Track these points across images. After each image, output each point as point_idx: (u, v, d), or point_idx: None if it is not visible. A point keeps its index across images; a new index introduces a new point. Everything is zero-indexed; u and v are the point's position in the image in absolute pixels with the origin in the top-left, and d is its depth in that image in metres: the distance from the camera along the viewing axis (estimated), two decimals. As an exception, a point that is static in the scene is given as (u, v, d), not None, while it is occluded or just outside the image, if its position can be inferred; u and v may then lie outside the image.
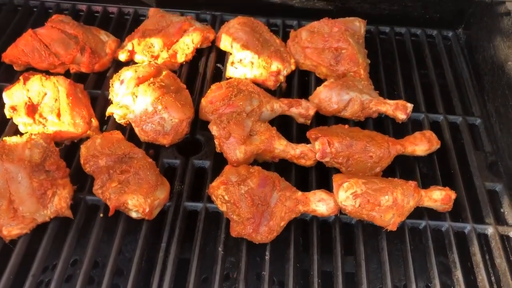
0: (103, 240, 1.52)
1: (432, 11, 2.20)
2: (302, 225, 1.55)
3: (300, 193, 1.50)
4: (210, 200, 1.55)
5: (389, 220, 1.45)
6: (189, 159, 1.67)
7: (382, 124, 1.82)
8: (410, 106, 1.77)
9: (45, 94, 1.70)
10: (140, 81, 1.71)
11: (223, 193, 1.47)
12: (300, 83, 1.96)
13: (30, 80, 1.72)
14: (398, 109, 1.76)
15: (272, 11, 2.23)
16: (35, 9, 2.19)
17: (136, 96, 1.67)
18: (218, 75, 1.97)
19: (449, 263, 1.49)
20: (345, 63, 1.89)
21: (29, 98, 1.69)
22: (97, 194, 1.51)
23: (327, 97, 1.77)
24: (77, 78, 1.88)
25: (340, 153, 1.58)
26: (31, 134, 1.57)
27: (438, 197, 1.51)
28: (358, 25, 2.01)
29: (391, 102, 1.78)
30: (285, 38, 2.10)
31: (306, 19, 2.19)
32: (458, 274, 1.44)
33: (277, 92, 1.91)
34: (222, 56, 2.04)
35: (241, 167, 1.54)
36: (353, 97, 1.75)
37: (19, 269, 1.40)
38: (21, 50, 1.85)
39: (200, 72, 1.96)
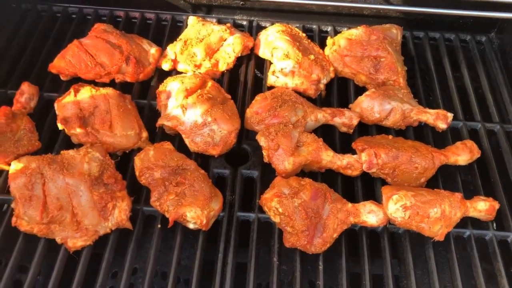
0: (159, 249, 1.59)
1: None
2: (350, 232, 1.61)
3: (350, 204, 1.56)
4: (261, 210, 1.61)
5: (437, 231, 1.51)
6: (238, 169, 1.72)
7: (422, 132, 1.87)
8: (450, 115, 1.81)
9: (96, 106, 1.74)
10: (188, 93, 1.75)
11: (276, 205, 1.52)
12: (339, 90, 2.00)
13: (81, 92, 1.77)
14: (439, 119, 1.81)
15: (307, 16, 2.27)
16: (74, 16, 2.23)
17: (186, 109, 1.72)
18: (259, 83, 2.01)
19: (494, 271, 1.56)
20: (385, 72, 1.93)
21: (81, 110, 1.73)
22: (155, 206, 1.57)
23: (369, 106, 1.81)
24: (122, 87, 1.93)
25: (386, 164, 1.63)
26: (87, 147, 1.63)
27: (482, 208, 1.57)
28: (395, 32, 2.05)
29: (432, 111, 1.82)
30: (320, 43, 2.14)
31: (341, 24, 2.23)
32: (504, 282, 1.51)
33: (318, 100, 1.96)
34: (261, 63, 2.08)
35: (291, 179, 1.59)
36: (394, 107, 1.80)
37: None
38: (68, 61, 1.88)
39: (241, 81, 2.00)
